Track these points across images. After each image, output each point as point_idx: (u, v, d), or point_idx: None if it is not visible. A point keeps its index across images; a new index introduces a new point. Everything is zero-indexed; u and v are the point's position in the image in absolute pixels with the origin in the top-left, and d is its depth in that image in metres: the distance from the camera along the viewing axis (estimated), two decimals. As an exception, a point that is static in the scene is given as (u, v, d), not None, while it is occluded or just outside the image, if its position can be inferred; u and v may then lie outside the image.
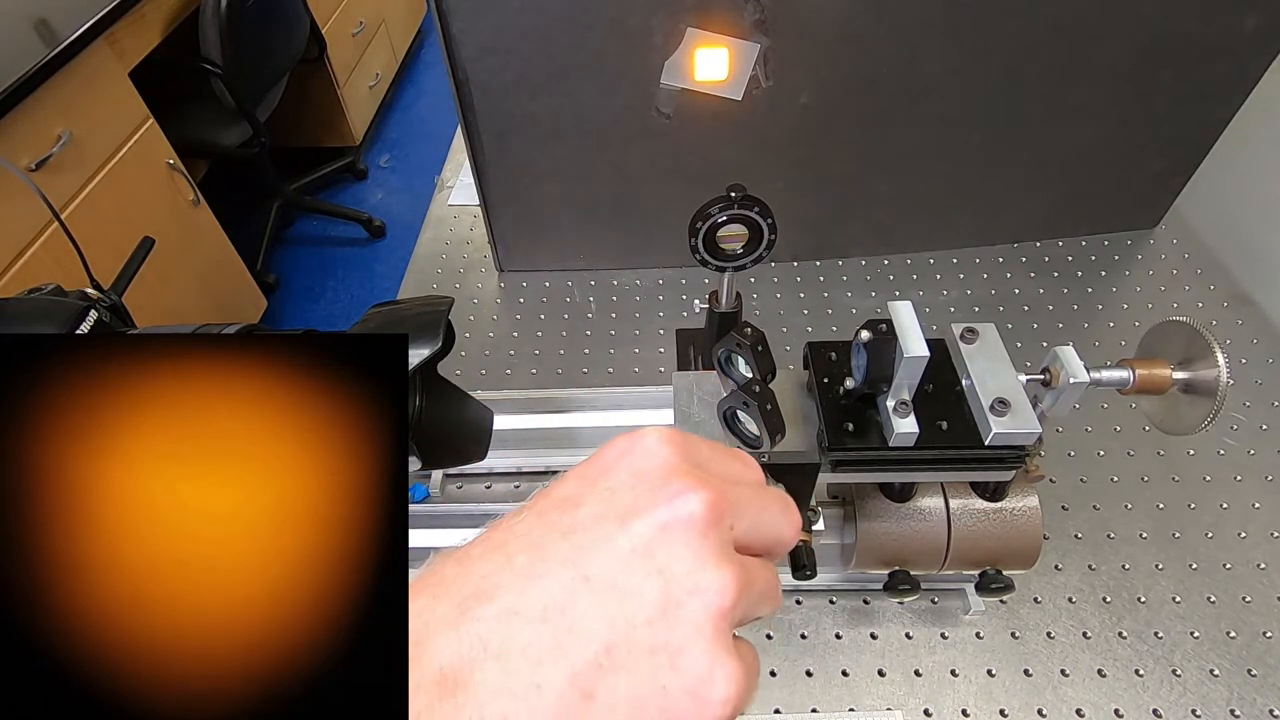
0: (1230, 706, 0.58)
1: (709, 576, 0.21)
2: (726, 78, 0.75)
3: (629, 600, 0.20)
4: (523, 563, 0.21)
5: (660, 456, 0.23)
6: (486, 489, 0.74)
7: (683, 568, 0.21)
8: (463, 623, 0.19)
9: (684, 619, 0.20)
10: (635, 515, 0.21)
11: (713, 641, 0.20)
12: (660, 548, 0.21)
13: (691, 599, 0.20)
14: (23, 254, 1.26)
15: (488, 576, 0.21)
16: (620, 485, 0.22)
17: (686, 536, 0.21)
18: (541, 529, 0.22)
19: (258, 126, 1.88)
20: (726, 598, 0.21)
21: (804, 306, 0.91)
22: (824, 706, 0.59)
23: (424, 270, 0.99)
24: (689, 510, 0.21)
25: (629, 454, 0.23)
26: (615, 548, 0.21)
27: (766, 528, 0.24)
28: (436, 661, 0.19)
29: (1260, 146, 0.93)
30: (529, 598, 0.20)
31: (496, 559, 0.21)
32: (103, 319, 0.45)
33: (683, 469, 0.23)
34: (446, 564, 0.21)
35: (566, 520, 0.22)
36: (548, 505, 0.23)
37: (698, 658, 0.20)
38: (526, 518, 0.22)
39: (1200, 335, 0.42)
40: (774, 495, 0.25)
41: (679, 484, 0.22)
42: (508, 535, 0.22)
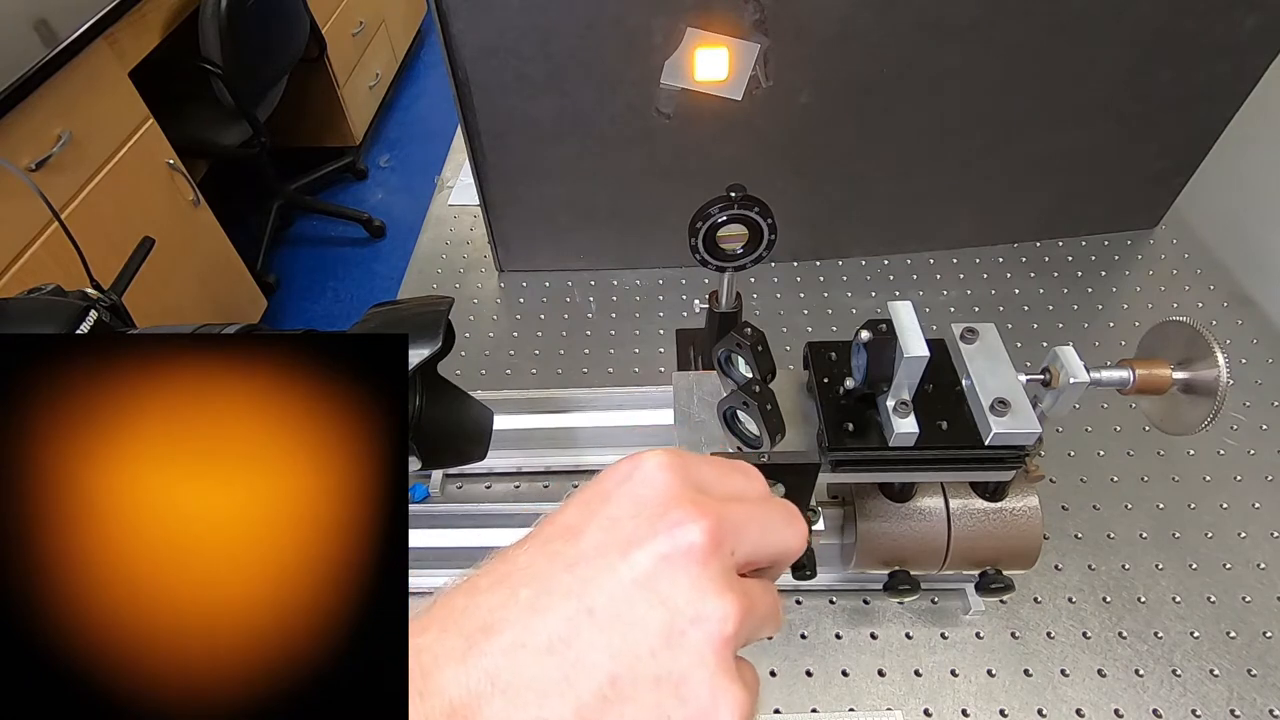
0: (1230, 706, 0.58)
1: (710, 605, 0.21)
2: (726, 78, 0.75)
3: (632, 631, 0.20)
4: (527, 596, 0.21)
5: (659, 483, 0.23)
6: (486, 489, 0.74)
7: (684, 598, 0.21)
8: (470, 657, 0.20)
9: (687, 649, 0.20)
10: (636, 546, 0.22)
11: (716, 670, 0.20)
12: (661, 578, 0.21)
13: (694, 628, 0.21)
14: (23, 254, 1.26)
15: (494, 610, 0.21)
16: (621, 514, 0.23)
17: (687, 566, 0.21)
18: (545, 560, 0.22)
19: (258, 126, 1.88)
20: (729, 626, 0.21)
21: (804, 306, 0.91)
22: (824, 706, 0.59)
23: (424, 270, 0.99)
24: (689, 540, 0.21)
25: (629, 480, 0.23)
26: (617, 579, 0.21)
27: (770, 544, 0.24)
28: (446, 696, 0.19)
29: (1260, 146, 0.93)
30: (534, 631, 0.20)
31: (502, 592, 0.21)
32: (103, 319, 0.45)
33: (682, 496, 0.23)
34: (455, 596, 0.22)
35: (570, 551, 0.22)
36: (551, 533, 0.23)
37: (702, 687, 0.20)
38: (530, 548, 0.23)
39: (1200, 335, 0.42)
40: (777, 508, 0.25)
41: (678, 513, 0.22)
42: (512, 567, 0.22)
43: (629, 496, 0.23)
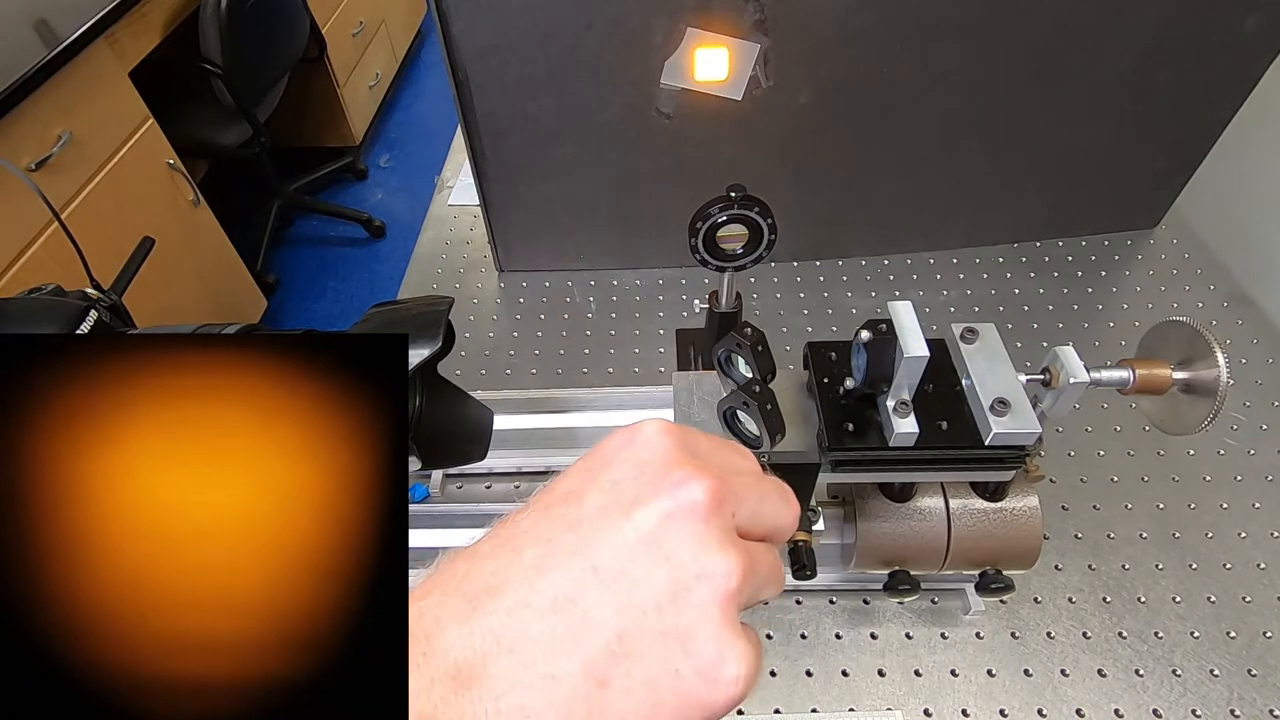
0: (1230, 706, 0.58)
1: (714, 561, 0.21)
2: (726, 78, 0.75)
3: (638, 588, 0.20)
4: (531, 556, 0.21)
5: (660, 446, 0.23)
6: (486, 489, 0.74)
7: (688, 554, 0.21)
8: (474, 617, 0.20)
9: (693, 603, 0.21)
10: (639, 505, 0.22)
11: (721, 624, 0.21)
12: (665, 535, 0.21)
13: (699, 584, 0.21)
14: (23, 254, 1.26)
15: (497, 572, 0.21)
16: (623, 476, 0.23)
17: (690, 523, 0.21)
18: (548, 523, 0.22)
19: (258, 126, 1.88)
20: (732, 581, 0.21)
21: (804, 306, 0.91)
22: (824, 706, 0.59)
23: (424, 270, 0.99)
24: (692, 498, 0.22)
25: (629, 445, 0.24)
26: (621, 538, 0.21)
27: (766, 515, 0.24)
28: (450, 656, 0.19)
29: (1260, 146, 0.93)
30: (539, 590, 0.20)
31: (505, 554, 0.21)
32: (103, 319, 0.45)
33: (683, 458, 0.23)
34: (456, 561, 0.22)
35: (572, 513, 0.22)
36: (552, 500, 0.23)
37: (708, 640, 0.20)
38: (532, 513, 0.23)
39: (1200, 335, 0.42)
40: (772, 484, 0.25)
41: (680, 473, 0.22)
42: (514, 531, 0.22)
43: (630, 460, 0.23)
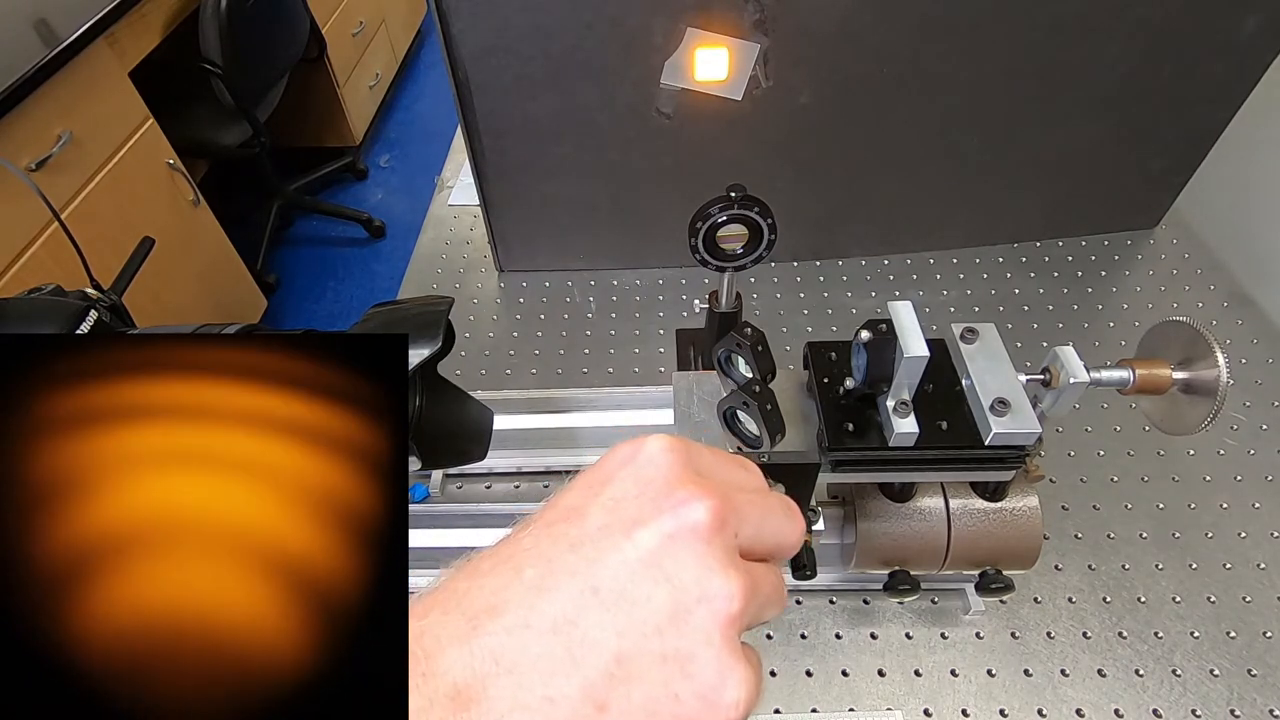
0: (1230, 706, 0.58)
1: (716, 583, 0.21)
2: (726, 78, 0.75)
3: (638, 610, 0.20)
4: (531, 576, 0.21)
5: (663, 464, 0.23)
6: (486, 489, 0.74)
7: (690, 576, 0.21)
8: (474, 637, 0.20)
9: (693, 626, 0.20)
10: (640, 525, 0.21)
11: (722, 648, 0.20)
12: (667, 556, 0.21)
13: (700, 606, 0.20)
14: (23, 254, 1.26)
15: (498, 591, 0.21)
16: (625, 494, 0.23)
17: (692, 544, 0.21)
18: (549, 541, 0.22)
19: (258, 126, 1.88)
20: (734, 604, 0.21)
21: (804, 306, 0.91)
22: (824, 706, 0.59)
23: (424, 270, 0.99)
24: (694, 518, 0.21)
25: (631, 462, 0.23)
26: (622, 558, 0.21)
27: (770, 533, 0.24)
28: (450, 677, 0.19)
29: (1260, 146, 0.93)
30: (539, 611, 0.20)
31: (505, 573, 0.21)
32: (103, 319, 0.45)
33: (685, 477, 0.23)
34: (457, 579, 0.21)
35: (573, 532, 0.22)
36: (554, 516, 0.23)
37: (708, 664, 0.20)
38: (534, 530, 0.23)
39: (1200, 335, 0.42)
40: (776, 500, 0.25)
41: (683, 492, 0.22)
42: (515, 549, 0.22)
43: (632, 477, 0.23)
